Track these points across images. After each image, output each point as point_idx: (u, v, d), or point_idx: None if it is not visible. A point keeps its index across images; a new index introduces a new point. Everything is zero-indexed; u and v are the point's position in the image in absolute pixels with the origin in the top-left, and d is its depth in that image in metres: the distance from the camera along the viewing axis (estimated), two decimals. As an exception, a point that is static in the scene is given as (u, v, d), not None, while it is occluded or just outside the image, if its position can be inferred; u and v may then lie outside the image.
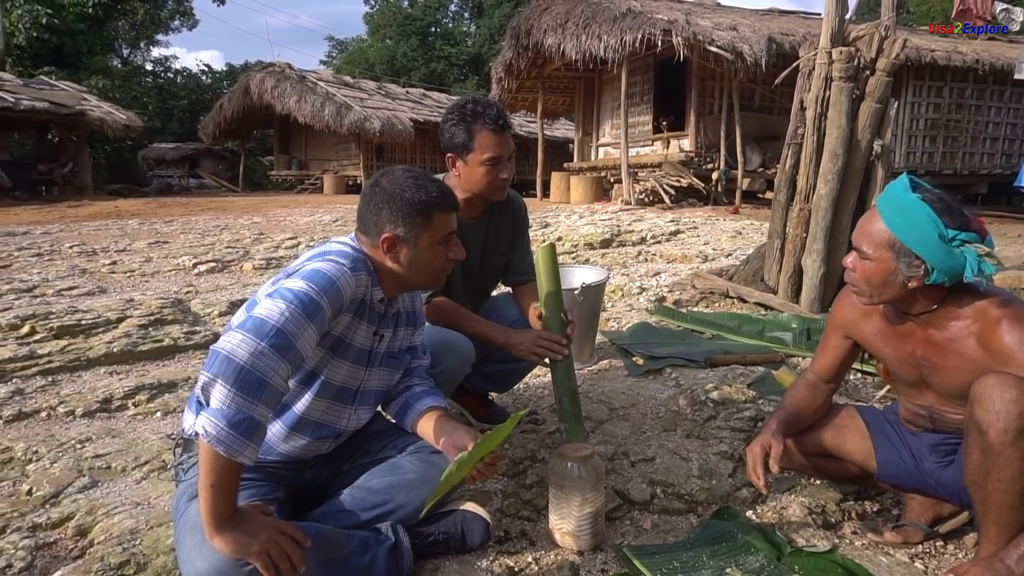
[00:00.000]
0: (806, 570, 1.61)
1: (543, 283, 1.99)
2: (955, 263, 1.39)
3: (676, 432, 2.29)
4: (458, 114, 1.99)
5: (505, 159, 2.02)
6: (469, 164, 2.01)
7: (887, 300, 1.53)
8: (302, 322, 1.31)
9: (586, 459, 1.67)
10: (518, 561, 1.63)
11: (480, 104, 2.00)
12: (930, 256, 1.40)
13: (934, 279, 1.42)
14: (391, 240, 1.53)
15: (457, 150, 2.01)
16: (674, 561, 1.65)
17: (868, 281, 1.51)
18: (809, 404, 1.82)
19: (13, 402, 2.44)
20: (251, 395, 1.22)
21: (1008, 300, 1.47)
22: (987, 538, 1.45)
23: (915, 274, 1.43)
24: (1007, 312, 1.42)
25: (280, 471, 1.59)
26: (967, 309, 1.47)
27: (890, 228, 1.44)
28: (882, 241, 1.46)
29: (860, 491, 1.99)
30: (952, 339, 1.49)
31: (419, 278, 1.60)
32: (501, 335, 2.05)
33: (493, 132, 1.97)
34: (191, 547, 1.31)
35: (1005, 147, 11.84)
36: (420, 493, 1.57)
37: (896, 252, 1.44)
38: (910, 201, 1.42)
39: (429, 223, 1.54)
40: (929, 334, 1.53)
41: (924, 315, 1.52)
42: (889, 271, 1.46)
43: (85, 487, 1.89)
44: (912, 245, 1.41)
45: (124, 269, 4.59)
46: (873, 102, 3.37)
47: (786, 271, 3.77)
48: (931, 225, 1.39)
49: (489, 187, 2.04)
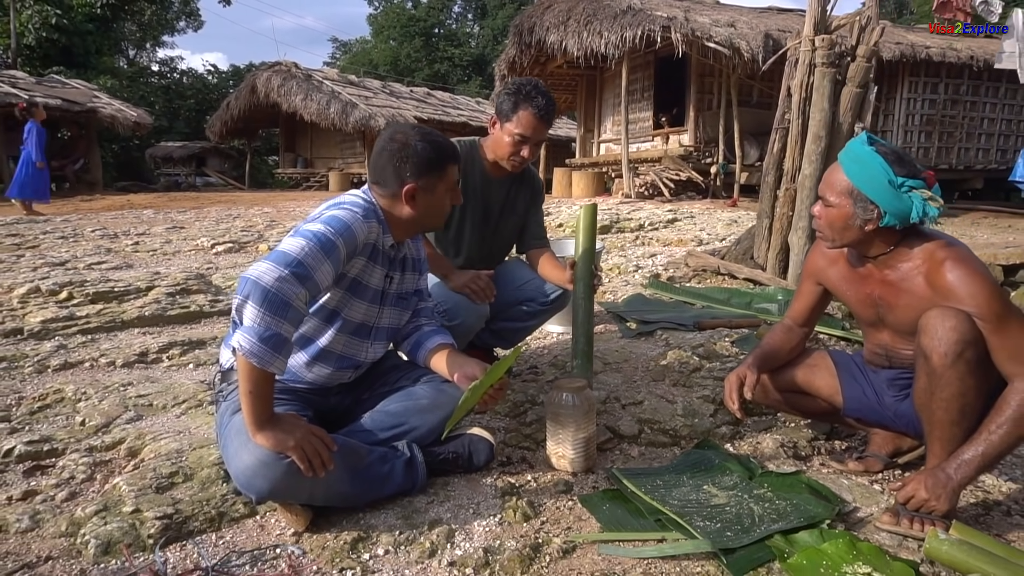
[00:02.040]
0: (774, 486, 1.82)
1: (581, 237, 2.25)
2: (903, 206, 1.60)
3: (664, 381, 2.50)
4: (515, 87, 2.26)
5: (532, 142, 2.27)
6: (502, 131, 2.27)
7: (848, 243, 1.73)
8: (320, 256, 1.52)
9: (580, 390, 1.89)
10: (519, 479, 1.84)
11: (537, 90, 2.25)
12: (882, 200, 1.61)
13: (886, 222, 1.63)
14: (412, 190, 1.73)
15: (500, 115, 2.28)
16: (657, 480, 1.86)
17: (831, 226, 1.72)
18: (784, 344, 2.03)
19: (58, 355, 2.67)
20: (277, 314, 1.43)
21: (951, 242, 1.67)
22: (932, 453, 1.65)
23: (870, 216, 1.64)
24: (950, 253, 1.63)
25: (309, 396, 1.81)
26: (917, 251, 1.68)
27: (848, 177, 1.66)
28: (842, 189, 1.67)
29: (831, 431, 2.20)
30: (903, 278, 1.70)
31: (430, 221, 1.83)
32: (445, 270, 2.29)
33: (533, 115, 2.23)
34: (238, 445, 1.52)
35: (1000, 142, 12.02)
36: (432, 417, 1.79)
37: (854, 198, 1.65)
38: (865, 153, 1.64)
39: (444, 173, 1.76)
40: (884, 275, 1.74)
41: (881, 257, 1.72)
42: (848, 215, 1.67)
43: (131, 420, 2.11)
44: (866, 191, 1.62)
45: (147, 248, 4.82)
46: (854, 87, 3.58)
47: (774, 248, 3.98)
48: (882, 172, 1.60)
49: (507, 155, 2.29)
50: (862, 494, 1.82)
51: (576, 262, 2.25)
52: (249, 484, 1.50)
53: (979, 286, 1.54)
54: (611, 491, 1.81)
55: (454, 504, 1.70)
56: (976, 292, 1.54)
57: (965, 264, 1.58)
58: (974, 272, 1.57)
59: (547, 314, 2.55)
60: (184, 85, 28.97)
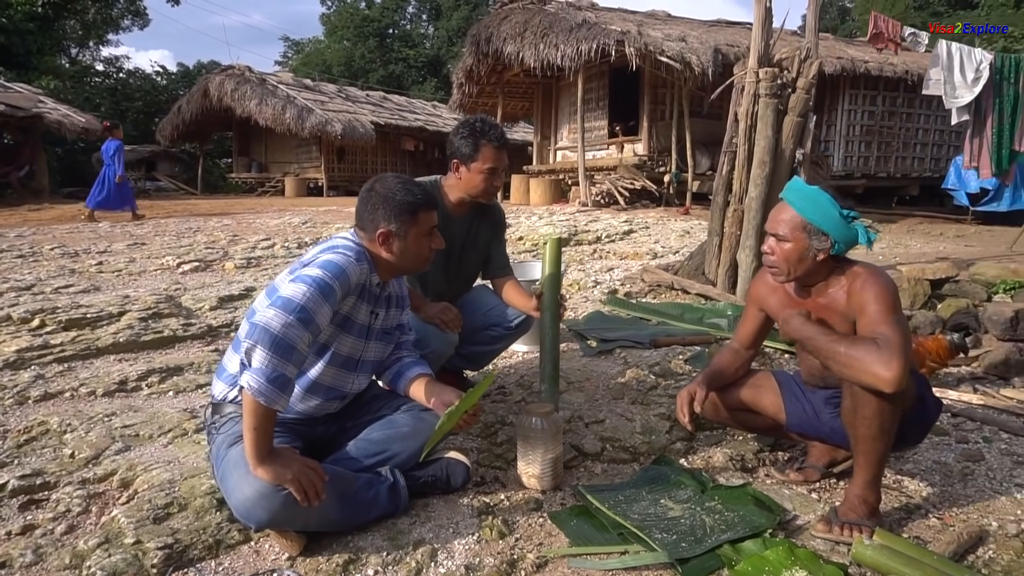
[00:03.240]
0: (723, 499, 2.03)
1: (547, 268, 2.41)
2: (851, 234, 1.84)
3: (623, 400, 2.69)
4: (468, 129, 2.42)
5: (500, 170, 2.45)
6: (471, 171, 2.42)
7: (801, 274, 1.94)
8: (320, 300, 1.67)
9: (547, 414, 2.06)
10: (493, 498, 2.00)
11: (487, 123, 2.44)
12: (834, 230, 1.84)
13: (836, 250, 1.86)
14: (385, 235, 1.89)
15: (462, 158, 2.43)
16: (619, 495, 2.05)
17: (787, 260, 1.92)
18: (731, 364, 2.26)
19: (37, 385, 2.71)
20: (284, 357, 1.58)
21: (869, 266, 1.91)
22: (858, 464, 1.87)
23: (824, 247, 1.86)
24: (866, 272, 1.86)
25: (298, 426, 1.94)
26: (843, 276, 1.91)
27: (801, 213, 1.87)
28: (796, 224, 1.89)
29: (775, 444, 2.42)
30: (832, 301, 1.93)
31: (407, 265, 1.97)
32: (417, 302, 2.43)
33: (495, 148, 2.41)
34: (238, 478, 1.65)
35: (934, 152, 12.71)
36: (413, 443, 1.94)
37: (808, 232, 1.87)
38: (814, 191, 1.87)
39: (416, 219, 1.90)
40: (817, 301, 1.96)
41: (818, 285, 1.95)
42: (804, 248, 1.89)
43: (120, 450, 2.20)
44: (820, 224, 1.85)
45: (111, 269, 4.80)
46: (795, 116, 3.85)
47: (724, 265, 4.23)
48: (832, 207, 1.84)
49: (484, 192, 2.46)
50: (801, 503, 2.03)
51: (543, 292, 2.42)
52: (249, 514, 1.63)
53: (882, 296, 1.78)
54: (578, 507, 1.99)
55: (435, 524, 1.85)
56: (877, 298, 1.78)
57: (876, 280, 1.82)
58: (881, 286, 1.80)
59: (512, 338, 2.73)
60: (131, 86, 28.15)
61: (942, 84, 5.42)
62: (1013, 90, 5.32)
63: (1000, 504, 2.07)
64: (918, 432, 1.99)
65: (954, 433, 2.62)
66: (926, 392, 1.96)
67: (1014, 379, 3.29)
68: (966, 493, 2.13)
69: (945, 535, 1.86)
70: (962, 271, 4.01)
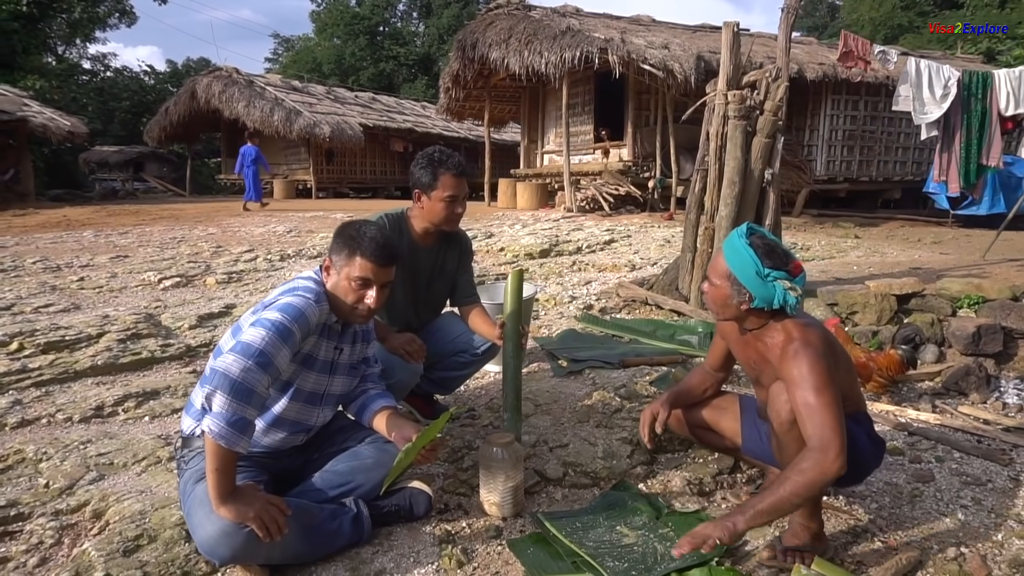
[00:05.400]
0: (677, 525, 2.11)
1: (509, 300, 2.48)
2: (768, 293, 1.89)
3: (588, 423, 2.77)
4: (426, 160, 2.49)
5: (461, 198, 2.51)
6: (432, 199, 2.50)
7: (728, 318, 2.03)
8: (279, 344, 1.74)
9: (508, 444, 2.14)
10: (454, 526, 2.08)
11: (445, 153, 2.52)
12: (751, 286, 1.90)
13: (756, 304, 1.92)
14: (327, 264, 1.97)
15: (422, 188, 2.50)
16: (576, 522, 2.13)
17: (715, 302, 2.01)
18: (699, 385, 2.37)
19: (15, 411, 2.77)
20: (243, 401, 1.65)
21: (807, 324, 1.94)
22: None
23: (743, 299, 1.94)
24: (800, 336, 1.86)
25: (264, 460, 2.01)
26: (780, 329, 1.95)
27: (727, 264, 1.95)
28: (722, 272, 1.97)
29: (734, 467, 2.50)
30: (768, 350, 1.99)
31: (336, 303, 1.96)
32: (383, 332, 2.47)
33: (453, 176, 2.48)
34: (202, 516, 1.72)
35: (915, 156, 12.87)
36: (376, 475, 2.02)
37: (731, 281, 1.94)
38: (740, 245, 1.93)
39: (351, 261, 1.93)
40: (757, 345, 2.04)
41: (755, 331, 2.03)
42: (727, 295, 1.96)
43: (94, 480, 2.26)
44: (739, 277, 1.92)
45: (92, 285, 4.84)
46: (763, 137, 3.94)
47: (696, 281, 4.32)
48: (751, 263, 1.89)
49: (446, 219, 2.53)
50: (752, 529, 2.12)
51: (505, 323, 2.50)
52: (212, 551, 1.71)
53: (813, 368, 1.78)
54: (536, 535, 2.06)
55: (396, 553, 1.93)
56: (811, 370, 1.78)
57: (807, 351, 1.82)
58: (812, 359, 1.80)
59: (479, 364, 2.82)
60: (119, 86, 28.05)
61: (911, 100, 5.53)
62: (980, 105, 5.44)
63: (944, 526, 2.16)
64: (856, 476, 2.06)
65: (908, 452, 2.71)
66: (866, 437, 2.00)
67: (972, 394, 3.40)
68: (913, 515, 2.22)
69: (886, 560, 1.94)
70: (928, 285, 4.11)
